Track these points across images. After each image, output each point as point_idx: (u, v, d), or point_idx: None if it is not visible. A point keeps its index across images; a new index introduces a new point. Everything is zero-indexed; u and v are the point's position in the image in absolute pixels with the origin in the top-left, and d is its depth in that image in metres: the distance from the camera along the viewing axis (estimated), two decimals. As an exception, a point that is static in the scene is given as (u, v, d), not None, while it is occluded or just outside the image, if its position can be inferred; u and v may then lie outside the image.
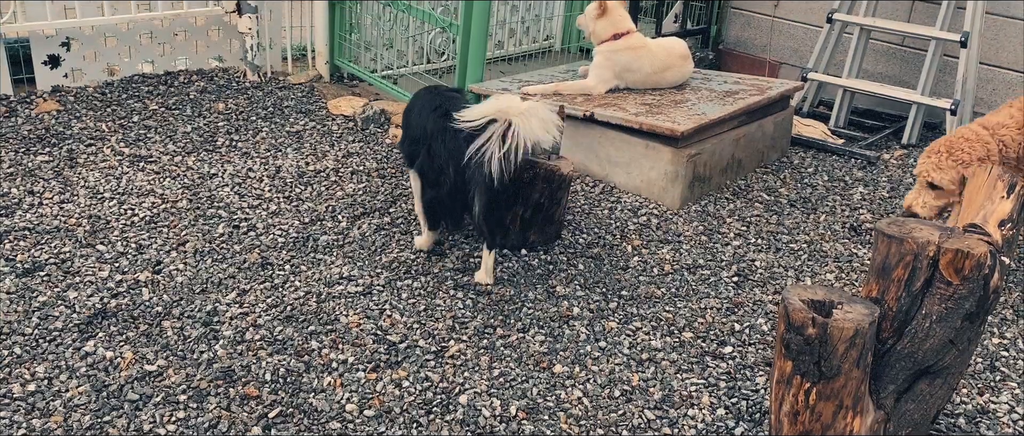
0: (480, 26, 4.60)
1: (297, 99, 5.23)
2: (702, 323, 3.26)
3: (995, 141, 3.31)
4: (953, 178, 3.30)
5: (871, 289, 2.62)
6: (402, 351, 2.95)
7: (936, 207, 3.39)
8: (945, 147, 3.34)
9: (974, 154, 3.26)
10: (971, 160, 3.24)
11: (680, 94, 4.68)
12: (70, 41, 4.99)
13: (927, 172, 3.36)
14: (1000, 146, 3.30)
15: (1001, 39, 5.39)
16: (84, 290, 3.16)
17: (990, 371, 3.10)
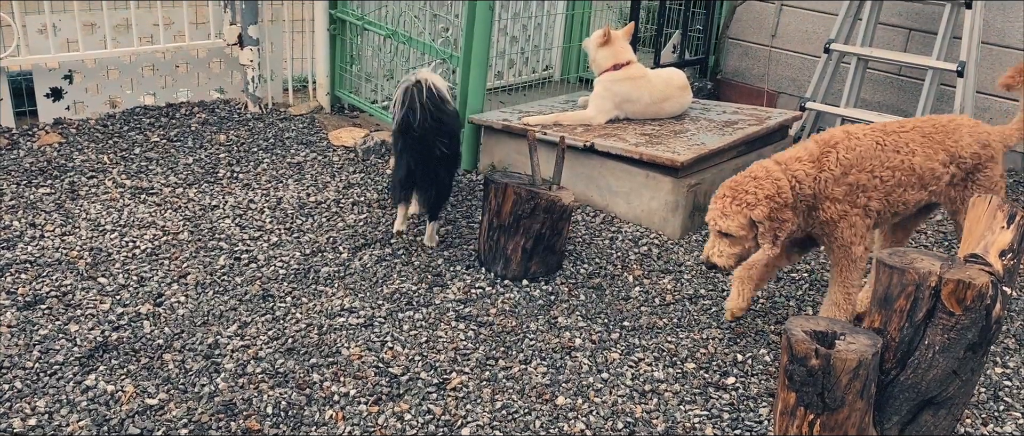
0: (480, 57, 4.64)
1: (298, 130, 5.26)
2: (704, 354, 3.25)
3: (787, 177, 3.01)
4: (741, 223, 2.96)
5: (873, 320, 2.62)
6: (404, 383, 2.94)
7: (734, 255, 3.04)
8: (730, 190, 3.00)
9: (762, 193, 2.94)
10: (758, 201, 2.93)
11: (679, 124, 4.71)
12: (73, 74, 5.02)
13: (713, 220, 3.02)
14: (792, 182, 3.01)
15: (998, 68, 5.43)
16: (85, 323, 3.16)
17: (994, 401, 3.09)
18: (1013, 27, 5.33)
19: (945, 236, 4.45)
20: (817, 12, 6.06)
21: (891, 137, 3.14)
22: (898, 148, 3.13)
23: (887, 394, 2.60)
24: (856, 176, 3.07)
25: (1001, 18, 5.36)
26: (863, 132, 3.15)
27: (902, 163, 3.12)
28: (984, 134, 3.27)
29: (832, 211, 3.08)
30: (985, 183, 3.26)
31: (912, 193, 3.18)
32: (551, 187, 3.68)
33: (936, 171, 3.18)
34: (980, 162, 3.24)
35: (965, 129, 3.24)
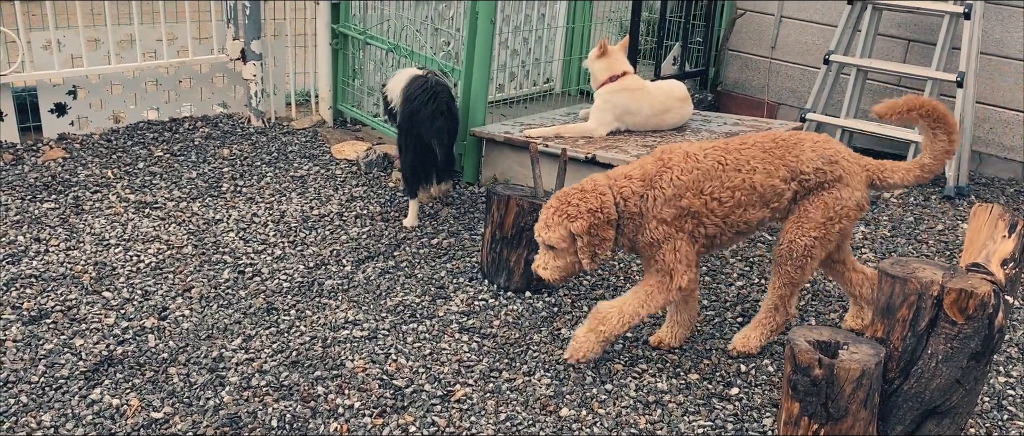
0: (482, 70, 4.67)
1: (301, 144, 5.28)
2: (708, 364, 3.26)
3: (613, 193, 2.93)
4: (562, 235, 2.90)
5: (876, 329, 2.63)
6: (408, 395, 2.95)
7: (558, 268, 2.99)
8: (556, 201, 2.95)
9: (584, 207, 2.87)
10: (579, 214, 2.86)
11: (680, 136, 4.72)
12: (77, 89, 5.05)
13: (537, 231, 2.98)
14: (618, 198, 2.93)
15: (997, 79, 5.46)
16: (90, 337, 3.17)
17: (998, 410, 3.09)
18: (1012, 37, 5.36)
19: (946, 246, 4.46)
20: (816, 23, 6.09)
21: (732, 155, 3.01)
22: (739, 166, 3.00)
23: (891, 403, 2.60)
24: (690, 200, 2.95)
25: (1000, 28, 5.39)
26: (705, 152, 3.01)
27: (743, 181, 2.99)
28: (832, 151, 3.07)
29: (657, 232, 2.95)
30: (830, 202, 3.04)
31: (754, 212, 3.04)
32: (553, 199, 3.70)
33: (777, 188, 3.03)
34: (826, 180, 3.04)
35: (808, 144, 3.08)
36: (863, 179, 3.09)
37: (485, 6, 4.54)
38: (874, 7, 5.46)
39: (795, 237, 3.06)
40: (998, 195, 5.30)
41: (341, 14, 5.58)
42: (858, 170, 3.09)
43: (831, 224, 3.05)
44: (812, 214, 3.05)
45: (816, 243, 3.05)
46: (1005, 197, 5.27)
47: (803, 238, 3.05)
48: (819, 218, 3.04)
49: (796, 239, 3.06)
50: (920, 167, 3.10)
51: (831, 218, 3.04)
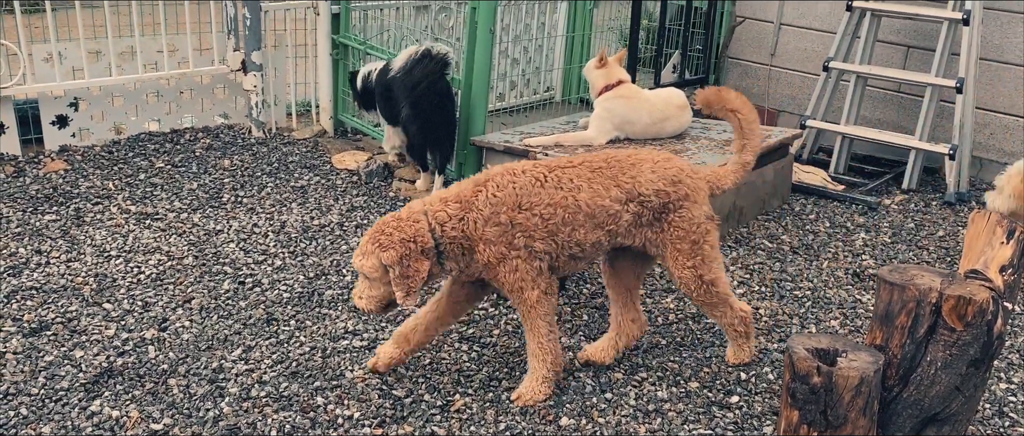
0: (481, 79, 4.68)
1: (301, 154, 5.29)
2: (708, 372, 3.25)
3: (428, 219, 2.78)
4: (374, 265, 2.75)
5: (875, 336, 2.62)
6: (408, 406, 2.95)
7: (374, 298, 2.84)
8: (375, 228, 2.80)
9: (397, 236, 2.73)
10: (391, 244, 2.71)
11: (680, 144, 4.73)
12: (78, 101, 5.08)
13: (355, 258, 2.83)
14: (433, 225, 2.77)
15: (997, 84, 5.46)
16: (90, 349, 3.17)
17: (999, 417, 3.08)
18: (1011, 43, 5.36)
19: (947, 252, 4.45)
20: (816, 30, 6.10)
21: (555, 173, 2.87)
22: (561, 184, 2.85)
23: (890, 411, 2.59)
24: (509, 215, 2.80)
25: (999, 34, 5.39)
26: (524, 168, 2.88)
27: (565, 200, 2.84)
28: (674, 171, 2.98)
29: (488, 254, 2.80)
30: (683, 225, 2.97)
31: (585, 233, 2.87)
32: (553, 208, 3.70)
33: (610, 209, 2.88)
34: (670, 200, 2.95)
35: (647, 165, 2.96)
36: (707, 192, 3.05)
37: (484, 16, 4.55)
38: (873, 14, 5.47)
39: (679, 272, 3.01)
40: (999, 201, 5.29)
41: (341, 24, 5.61)
42: (702, 185, 3.04)
43: (699, 247, 2.98)
44: (680, 246, 2.97)
45: (703, 270, 2.99)
46: (1006, 203, 5.27)
47: (686, 271, 2.99)
48: (687, 248, 2.98)
49: (681, 274, 3.01)
50: (742, 167, 3.14)
51: (696, 242, 2.98)
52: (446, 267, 2.85)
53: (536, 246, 2.84)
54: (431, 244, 2.77)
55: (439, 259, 2.82)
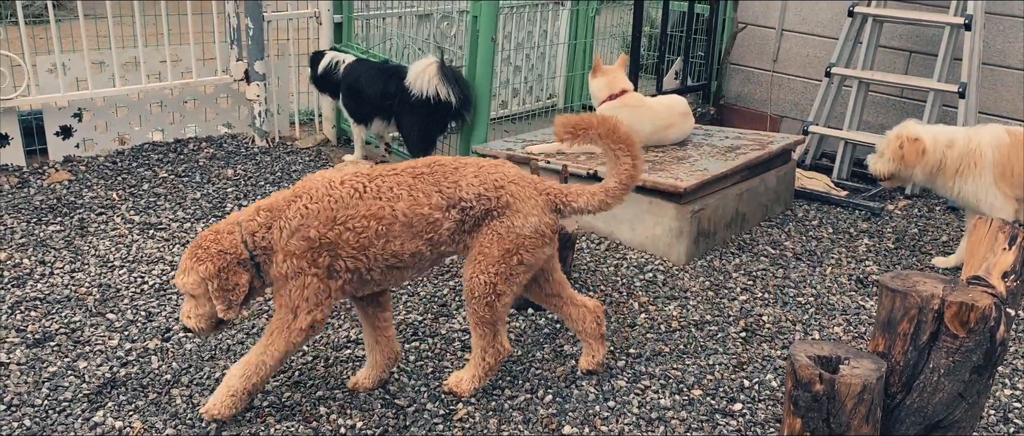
0: (483, 88, 4.69)
1: (305, 163, 5.30)
2: (711, 380, 3.25)
3: (241, 230, 2.69)
4: (195, 281, 2.65)
5: (878, 343, 2.62)
6: (410, 415, 2.95)
7: (203, 317, 2.72)
8: (195, 242, 2.71)
9: (214, 249, 2.65)
10: (209, 257, 2.64)
11: (682, 151, 4.73)
12: (82, 112, 5.10)
13: (176, 277, 2.74)
14: (245, 236, 2.68)
15: (999, 88, 5.45)
16: (94, 360, 3.18)
17: (1003, 423, 3.07)
18: (1013, 47, 5.36)
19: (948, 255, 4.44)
20: (817, 36, 6.10)
21: (375, 182, 2.75)
22: (380, 193, 2.73)
23: (893, 418, 2.59)
24: (320, 231, 2.67)
25: (1001, 39, 5.39)
26: (343, 179, 2.76)
27: (382, 210, 2.71)
28: (498, 177, 2.82)
29: (285, 266, 2.68)
30: (500, 230, 2.80)
31: (402, 243, 2.75)
32: (555, 216, 3.70)
33: (430, 217, 2.76)
34: (492, 208, 2.80)
35: (470, 169, 2.83)
36: (541, 204, 2.85)
37: (486, 24, 4.57)
38: (875, 19, 5.47)
39: (474, 274, 2.83)
40: (1003, 205, 5.28)
41: (344, 34, 5.62)
42: (532, 195, 2.85)
43: (509, 257, 2.80)
44: (488, 250, 2.81)
45: (498, 279, 2.81)
46: (1010, 207, 5.25)
47: (482, 275, 2.81)
48: (496, 253, 2.80)
49: (475, 276, 2.82)
50: (605, 192, 2.91)
51: (508, 251, 2.80)
52: (267, 280, 2.74)
53: (340, 264, 2.70)
54: (246, 255, 2.68)
55: (259, 271, 2.72)
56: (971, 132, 4.04)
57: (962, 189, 4.00)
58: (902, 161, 4.03)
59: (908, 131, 4.05)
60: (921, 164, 4.00)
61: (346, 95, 5.07)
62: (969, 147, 3.96)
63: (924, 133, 4.03)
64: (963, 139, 4.00)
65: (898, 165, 4.05)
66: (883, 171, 4.13)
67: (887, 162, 4.09)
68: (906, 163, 4.01)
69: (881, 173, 4.15)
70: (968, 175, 3.96)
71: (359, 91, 4.98)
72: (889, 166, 4.09)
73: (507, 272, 2.82)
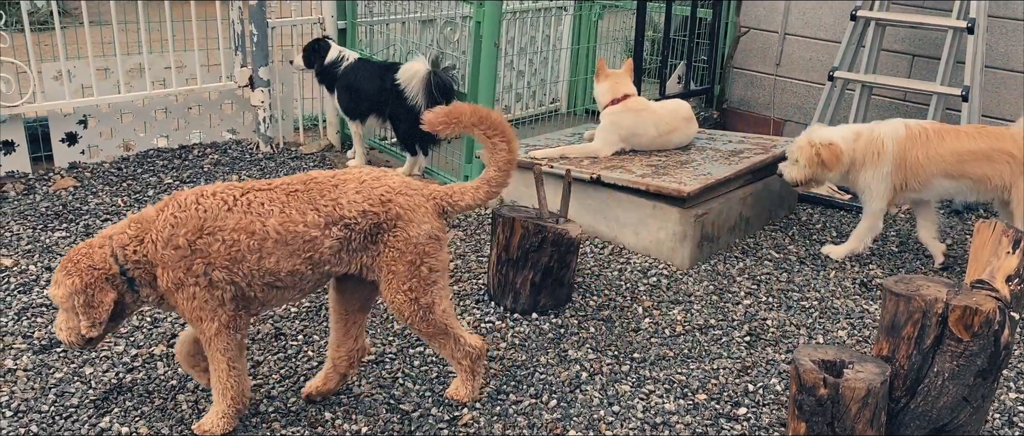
0: (486, 93, 4.70)
1: (309, 168, 5.32)
2: (715, 384, 3.25)
3: (112, 244, 2.63)
4: (65, 294, 2.61)
5: (882, 347, 2.63)
6: (415, 420, 2.96)
7: (73, 329, 2.66)
8: (67, 256, 2.67)
9: (84, 263, 2.60)
10: (78, 271, 2.59)
11: (686, 155, 4.74)
12: (87, 118, 5.12)
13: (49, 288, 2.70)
14: (115, 250, 2.62)
15: (1002, 92, 5.45)
16: (100, 366, 3.19)
17: (1008, 427, 3.07)
18: (1015, 50, 5.36)
19: (955, 260, 4.44)
20: (820, 40, 6.11)
21: (247, 196, 2.67)
22: (250, 209, 2.64)
23: (898, 422, 2.59)
24: (188, 238, 2.60)
25: (1004, 42, 5.39)
26: (215, 191, 2.69)
27: (251, 225, 2.62)
28: (383, 190, 2.74)
29: (166, 280, 2.63)
30: (398, 245, 2.73)
31: (278, 261, 2.65)
32: (558, 220, 3.71)
33: (307, 235, 2.66)
34: (382, 222, 2.72)
35: (351, 185, 2.74)
36: (431, 210, 2.80)
37: (489, 29, 4.58)
38: (878, 23, 5.47)
39: (392, 296, 2.78)
40: (1007, 208, 5.27)
41: (347, 39, 5.64)
42: (421, 202, 2.79)
43: (417, 268, 2.76)
44: (395, 268, 2.75)
45: (417, 293, 2.78)
46: (1014, 210, 5.25)
47: (400, 295, 2.77)
48: (403, 269, 2.75)
49: (394, 298, 2.78)
50: (487, 182, 2.88)
51: (413, 263, 2.75)
52: (142, 294, 2.69)
53: (215, 275, 2.62)
54: (115, 270, 2.62)
55: (132, 286, 2.66)
56: (873, 126, 4.24)
57: (861, 178, 4.20)
58: (820, 166, 4.19)
59: (821, 137, 4.22)
60: (838, 166, 4.17)
61: (343, 94, 5.16)
62: (872, 139, 4.16)
63: (835, 136, 4.21)
64: (867, 132, 4.20)
65: (815, 170, 4.21)
66: (799, 177, 4.28)
67: (802, 168, 4.24)
68: (825, 167, 4.18)
69: (797, 179, 4.29)
70: (870, 166, 4.15)
71: (356, 88, 5.08)
72: (805, 172, 4.24)
73: (421, 283, 2.77)
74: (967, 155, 4.05)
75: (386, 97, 4.96)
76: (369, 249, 2.76)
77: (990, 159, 4.03)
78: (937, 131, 4.16)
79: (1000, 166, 4.02)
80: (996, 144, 4.04)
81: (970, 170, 4.06)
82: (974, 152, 4.05)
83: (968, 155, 4.05)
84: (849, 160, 4.18)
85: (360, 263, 2.77)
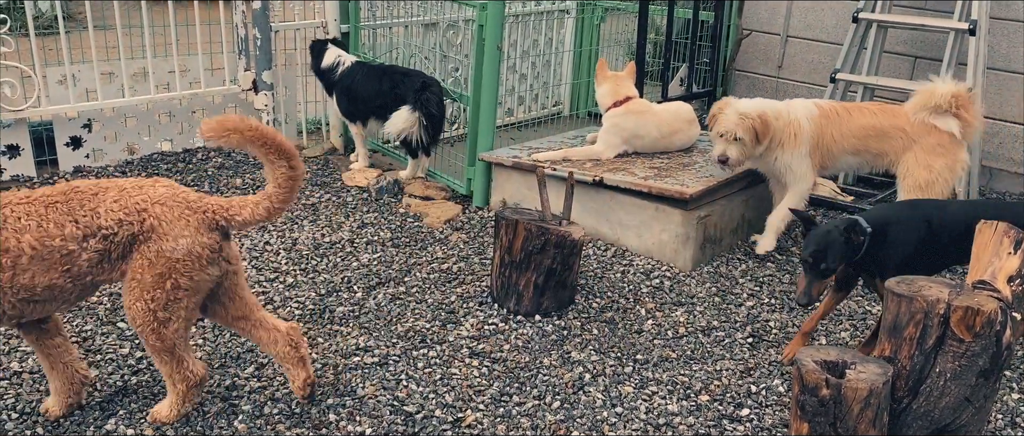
0: (490, 96, 4.72)
1: (312, 172, 5.34)
2: (718, 386, 3.26)
3: None
4: None
5: (884, 348, 2.63)
6: (419, 422, 2.97)
7: None
8: None
9: None
10: None
11: (688, 157, 4.75)
12: (91, 122, 5.14)
13: None
14: None
15: (1004, 93, 5.46)
16: (105, 368, 3.21)
17: (1011, 427, 3.07)
18: (1018, 52, 5.36)
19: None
20: (822, 42, 6.12)
21: (3, 211, 2.56)
22: (6, 223, 2.54)
23: (900, 423, 2.60)
24: None
25: (1006, 43, 5.39)
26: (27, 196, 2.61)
27: (7, 242, 2.52)
28: (140, 200, 2.65)
29: None
30: (149, 255, 2.64)
31: (34, 277, 2.56)
32: (561, 222, 3.72)
33: (64, 249, 2.56)
34: (137, 233, 2.63)
35: (111, 193, 2.65)
36: (195, 224, 2.69)
37: (491, 33, 4.59)
38: (879, 25, 5.48)
39: (130, 303, 2.68)
40: (1009, 210, 5.28)
41: (351, 43, 5.66)
42: (183, 215, 2.68)
43: (163, 282, 2.65)
44: (140, 276, 2.66)
45: (156, 306, 2.66)
46: (1016, 212, 5.25)
47: (138, 303, 2.67)
48: (148, 280, 2.65)
49: (132, 306, 2.68)
50: (268, 198, 2.78)
51: (161, 276, 2.64)
52: None
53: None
54: None
55: None
56: (784, 105, 4.25)
57: (779, 159, 4.20)
58: (755, 142, 4.13)
59: (747, 108, 4.15)
60: (767, 138, 4.14)
61: (342, 97, 5.21)
62: (789, 119, 4.17)
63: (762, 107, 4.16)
64: (784, 111, 4.20)
65: (752, 143, 4.13)
66: (744, 155, 4.19)
67: (746, 146, 4.14)
68: (759, 141, 4.13)
69: (742, 158, 4.21)
70: (788, 146, 4.17)
71: (354, 91, 5.14)
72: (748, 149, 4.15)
73: (164, 299, 2.67)
74: (871, 131, 4.20)
75: (385, 100, 4.97)
76: (126, 259, 2.67)
77: (887, 135, 4.19)
78: (845, 109, 4.27)
79: (894, 141, 4.18)
80: (893, 121, 4.20)
81: (871, 145, 4.22)
82: (875, 128, 4.20)
83: (872, 131, 4.20)
84: (773, 134, 4.15)
85: (121, 272, 2.69)
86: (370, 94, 5.05)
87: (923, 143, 4.13)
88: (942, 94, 4.09)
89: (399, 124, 4.83)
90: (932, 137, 4.12)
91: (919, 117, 4.15)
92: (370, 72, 5.13)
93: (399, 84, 4.94)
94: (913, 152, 4.14)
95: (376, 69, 5.15)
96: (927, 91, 4.16)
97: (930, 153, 4.12)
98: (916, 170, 4.13)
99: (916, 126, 4.14)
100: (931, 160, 4.11)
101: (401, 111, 4.83)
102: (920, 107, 4.16)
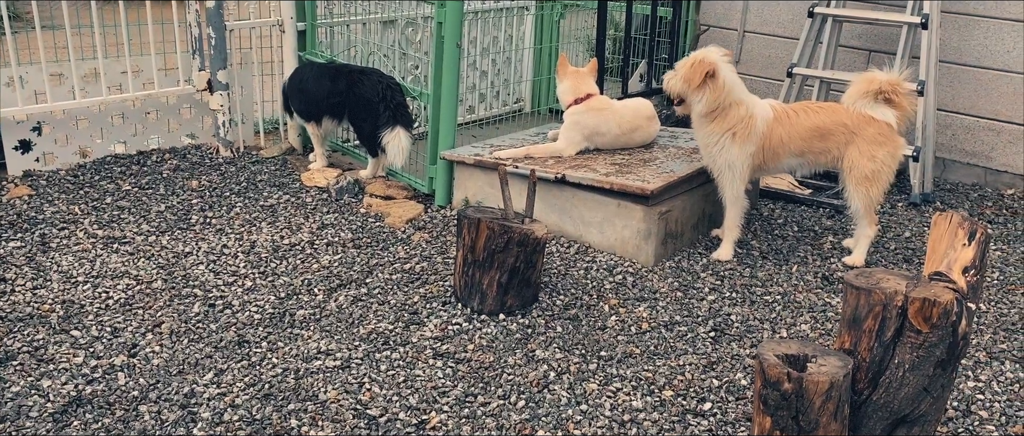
0: (450, 94, 4.68)
1: (270, 173, 5.26)
2: (681, 381, 3.27)
3: None
4: None
5: (843, 341, 2.66)
6: (383, 425, 2.94)
7: None
8: None
9: None
10: None
11: (648, 153, 4.76)
12: (41, 125, 5.01)
13: None
14: None
15: (957, 86, 5.56)
16: (58, 378, 3.13)
17: (965, 415, 3.13)
18: (969, 45, 5.47)
19: (914, 252, 4.52)
20: (779, 37, 6.18)
21: None
22: None
23: (861, 414, 2.63)
24: None
25: (957, 37, 5.50)
26: None
27: None
28: None
29: None
30: None
31: None
32: (524, 220, 3.71)
33: None
34: None
35: None
36: None
37: (451, 30, 4.56)
38: (835, 19, 5.55)
39: None
40: (962, 200, 5.39)
41: (307, 41, 5.59)
42: None
43: None
44: None
45: None
46: (969, 202, 5.36)
47: None
48: None
49: None
50: None
51: None
52: None
53: None
54: None
55: None
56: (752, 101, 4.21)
57: (724, 149, 4.17)
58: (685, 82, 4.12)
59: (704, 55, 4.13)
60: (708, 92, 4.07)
61: (293, 94, 5.21)
62: (749, 114, 4.16)
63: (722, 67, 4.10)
64: (750, 106, 4.17)
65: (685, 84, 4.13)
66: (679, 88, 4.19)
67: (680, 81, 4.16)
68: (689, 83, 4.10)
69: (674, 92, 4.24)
70: (739, 140, 4.16)
71: (305, 91, 5.10)
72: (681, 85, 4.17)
73: None
74: (815, 131, 4.21)
75: (340, 99, 4.93)
76: None
77: (830, 132, 4.20)
78: (793, 111, 4.27)
79: (837, 137, 4.20)
80: (834, 117, 4.22)
81: (815, 145, 4.23)
82: (819, 127, 4.21)
83: (816, 131, 4.21)
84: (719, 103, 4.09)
85: None
86: (322, 93, 5.01)
87: (864, 134, 4.16)
88: (883, 80, 4.15)
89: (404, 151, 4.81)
90: (872, 128, 4.16)
91: (858, 105, 4.19)
92: (320, 71, 5.09)
93: (358, 83, 4.89)
94: (855, 145, 4.17)
95: (326, 68, 5.10)
96: (866, 78, 4.22)
97: (872, 143, 4.15)
98: (861, 161, 4.16)
99: (856, 119, 4.17)
100: (874, 150, 4.15)
101: (399, 136, 4.79)
102: (860, 94, 4.19)
